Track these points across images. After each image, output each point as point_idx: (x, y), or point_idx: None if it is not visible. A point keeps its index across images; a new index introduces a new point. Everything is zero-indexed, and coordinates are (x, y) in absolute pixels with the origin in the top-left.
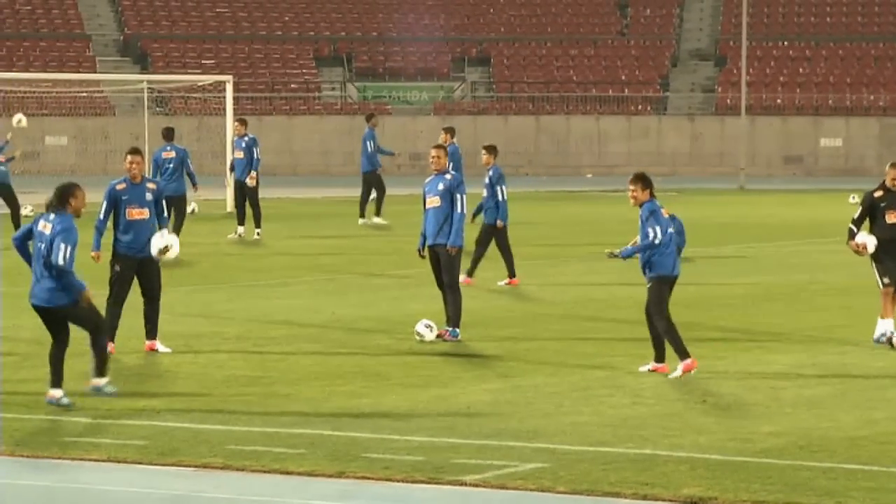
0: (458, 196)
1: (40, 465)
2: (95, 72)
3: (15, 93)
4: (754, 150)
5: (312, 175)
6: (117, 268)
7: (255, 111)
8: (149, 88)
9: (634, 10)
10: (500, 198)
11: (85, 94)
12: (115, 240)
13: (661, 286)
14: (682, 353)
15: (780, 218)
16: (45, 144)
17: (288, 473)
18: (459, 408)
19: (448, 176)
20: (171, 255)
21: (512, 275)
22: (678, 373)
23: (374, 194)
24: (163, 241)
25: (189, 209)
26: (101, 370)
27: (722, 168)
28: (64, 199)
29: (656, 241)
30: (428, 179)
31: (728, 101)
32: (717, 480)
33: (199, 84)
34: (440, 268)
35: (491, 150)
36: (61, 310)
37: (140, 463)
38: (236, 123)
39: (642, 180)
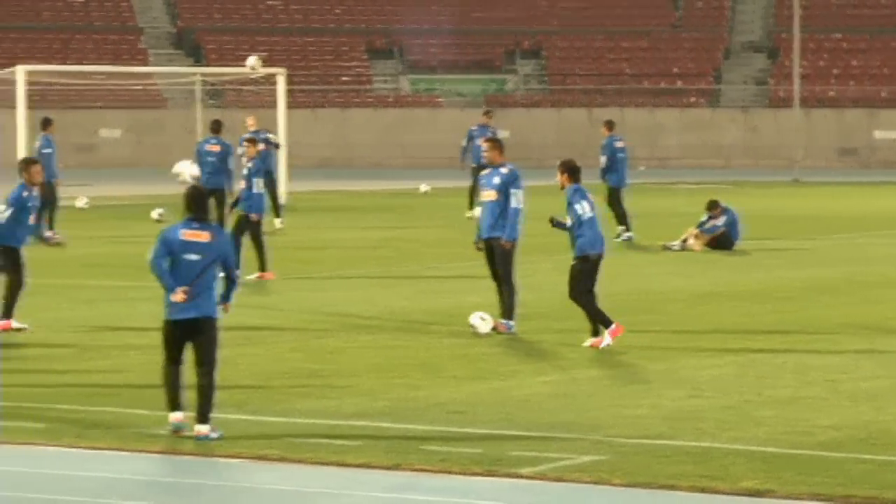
0: (514, 190)
1: (96, 457)
2: (148, 64)
3: (69, 85)
4: (809, 143)
5: (367, 167)
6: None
7: (308, 104)
8: (202, 81)
9: (687, 2)
10: (254, 189)
11: (138, 87)
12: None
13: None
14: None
15: (835, 210)
16: (100, 137)
17: (345, 466)
18: (517, 400)
19: (504, 170)
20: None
21: (263, 268)
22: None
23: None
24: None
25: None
26: (207, 415)
27: (776, 160)
28: (206, 204)
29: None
30: (484, 172)
31: (781, 93)
32: (775, 473)
33: (252, 76)
34: (495, 260)
35: (252, 142)
36: (208, 322)
37: (197, 455)
38: (251, 119)
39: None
